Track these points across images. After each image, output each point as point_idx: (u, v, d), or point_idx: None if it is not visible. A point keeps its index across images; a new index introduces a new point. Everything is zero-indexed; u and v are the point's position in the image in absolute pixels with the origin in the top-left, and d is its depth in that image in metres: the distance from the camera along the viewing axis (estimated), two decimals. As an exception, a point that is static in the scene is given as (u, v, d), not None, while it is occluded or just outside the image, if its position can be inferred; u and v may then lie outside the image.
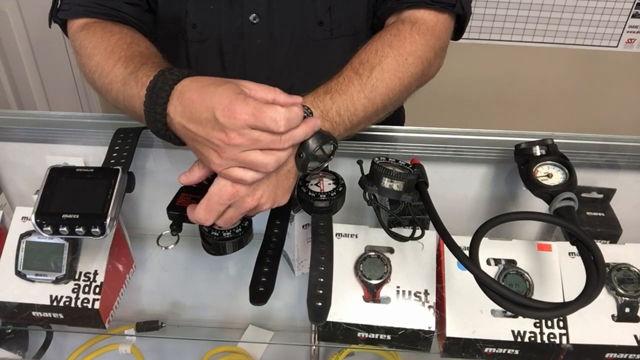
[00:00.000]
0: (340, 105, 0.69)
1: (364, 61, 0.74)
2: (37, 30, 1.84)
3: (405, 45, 0.76)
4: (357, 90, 0.71)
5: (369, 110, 0.72)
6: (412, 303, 0.70)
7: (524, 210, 0.71)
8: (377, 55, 0.74)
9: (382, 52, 0.74)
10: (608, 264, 0.70)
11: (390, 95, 0.74)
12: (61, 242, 0.73)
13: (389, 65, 0.74)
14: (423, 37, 0.78)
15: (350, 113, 0.70)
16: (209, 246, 0.69)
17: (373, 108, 0.72)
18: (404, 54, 0.75)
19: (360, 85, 0.71)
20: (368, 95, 0.71)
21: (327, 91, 0.70)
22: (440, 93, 1.79)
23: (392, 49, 0.75)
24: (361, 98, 0.71)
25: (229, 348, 0.81)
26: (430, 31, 0.79)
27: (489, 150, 0.83)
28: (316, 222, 0.69)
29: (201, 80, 0.62)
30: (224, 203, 0.63)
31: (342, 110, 0.69)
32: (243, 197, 0.63)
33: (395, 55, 0.75)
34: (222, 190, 0.62)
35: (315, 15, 0.87)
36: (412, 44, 0.76)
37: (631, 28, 1.82)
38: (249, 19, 0.86)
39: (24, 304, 0.73)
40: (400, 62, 0.75)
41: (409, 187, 0.68)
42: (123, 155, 0.76)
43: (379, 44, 0.76)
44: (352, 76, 0.72)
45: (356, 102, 0.71)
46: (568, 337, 0.68)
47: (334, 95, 0.70)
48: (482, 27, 1.83)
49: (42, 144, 0.86)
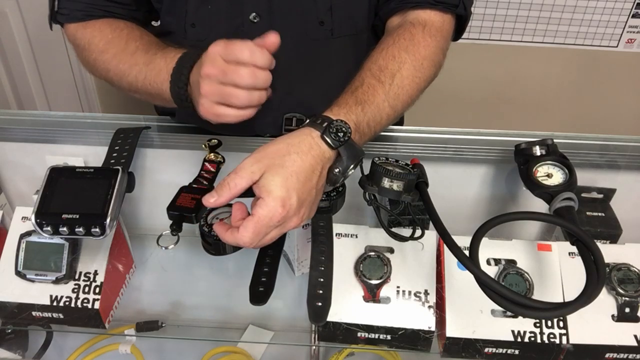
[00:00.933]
0: (370, 117, 0.70)
1: (383, 68, 0.74)
2: (37, 30, 1.84)
3: (420, 49, 0.77)
4: (382, 100, 0.72)
5: (391, 117, 0.73)
6: (412, 303, 0.70)
7: (524, 210, 0.71)
8: (396, 62, 0.75)
9: (400, 58, 0.75)
10: (608, 264, 0.70)
11: (409, 102, 0.76)
12: (61, 242, 0.73)
13: (408, 72, 0.75)
14: (434, 39, 0.79)
15: (376, 123, 0.71)
16: (209, 246, 0.70)
17: (394, 115, 0.74)
18: (420, 58, 0.77)
19: (384, 94, 0.72)
20: (391, 103, 0.73)
21: (358, 102, 0.70)
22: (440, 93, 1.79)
23: (409, 55, 0.76)
24: (386, 107, 0.72)
25: (229, 348, 0.81)
26: (439, 32, 0.81)
27: (489, 150, 0.83)
28: (316, 222, 0.69)
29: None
30: (274, 226, 0.60)
31: (372, 122, 0.70)
32: (291, 217, 0.61)
33: (412, 61, 0.76)
34: (273, 213, 0.59)
35: (316, 15, 0.87)
36: (426, 47, 0.78)
37: (631, 28, 1.81)
38: (249, 18, 0.86)
39: (24, 304, 0.73)
40: (417, 67, 0.76)
41: (409, 187, 0.68)
42: (123, 155, 0.76)
43: (396, 50, 0.76)
44: (375, 84, 0.72)
45: (382, 112, 0.72)
46: (568, 337, 0.69)
47: (364, 107, 0.69)
48: (482, 27, 1.83)
49: (42, 144, 0.86)
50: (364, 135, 0.69)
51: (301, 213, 0.62)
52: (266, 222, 0.59)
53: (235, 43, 0.64)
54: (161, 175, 0.87)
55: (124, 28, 0.85)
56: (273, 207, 0.59)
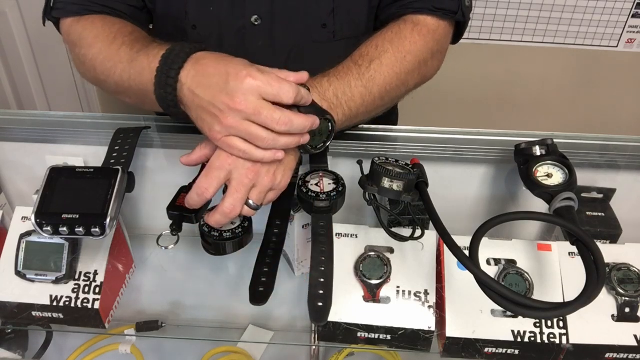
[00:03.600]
0: (338, 88, 0.72)
1: (363, 54, 0.77)
2: (37, 30, 1.84)
3: (405, 43, 0.79)
4: (355, 78, 0.74)
5: (367, 99, 0.75)
6: (412, 303, 0.70)
7: (524, 210, 0.71)
8: (377, 50, 0.77)
9: (382, 48, 0.77)
10: (608, 264, 0.70)
11: (388, 88, 0.77)
12: (61, 242, 0.73)
13: (388, 60, 0.77)
14: (423, 38, 0.80)
15: (348, 98, 0.73)
16: (209, 246, 0.69)
17: (370, 97, 0.75)
18: (403, 51, 0.78)
19: (358, 74, 0.74)
20: (365, 84, 0.74)
21: (325, 75, 0.73)
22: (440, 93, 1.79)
23: (392, 46, 0.78)
24: (359, 86, 0.74)
25: (229, 348, 0.81)
26: (430, 34, 0.82)
27: (489, 150, 0.83)
28: (316, 222, 0.69)
29: (219, 53, 0.65)
30: (224, 168, 0.62)
31: (340, 93, 0.72)
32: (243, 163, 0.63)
33: (394, 52, 0.77)
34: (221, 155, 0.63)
35: (319, 18, 0.87)
36: (411, 43, 0.79)
37: (631, 28, 1.81)
38: (250, 20, 0.86)
39: (24, 304, 0.73)
40: (399, 59, 0.77)
41: (409, 187, 0.68)
42: (123, 155, 0.76)
43: (380, 40, 0.78)
44: (351, 66, 0.75)
45: (354, 89, 0.73)
46: (568, 337, 0.69)
47: (331, 79, 0.72)
48: (482, 27, 1.83)
49: (42, 144, 0.86)
50: (334, 105, 0.71)
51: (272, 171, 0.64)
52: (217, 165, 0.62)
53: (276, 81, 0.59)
54: (161, 175, 0.87)
55: (117, 23, 0.81)
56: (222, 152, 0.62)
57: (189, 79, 0.62)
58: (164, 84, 0.63)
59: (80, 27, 0.82)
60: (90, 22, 0.82)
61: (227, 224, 0.68)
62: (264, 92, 0.59)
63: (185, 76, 0.63)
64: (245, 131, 0.60)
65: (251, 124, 0.60)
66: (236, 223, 0.69)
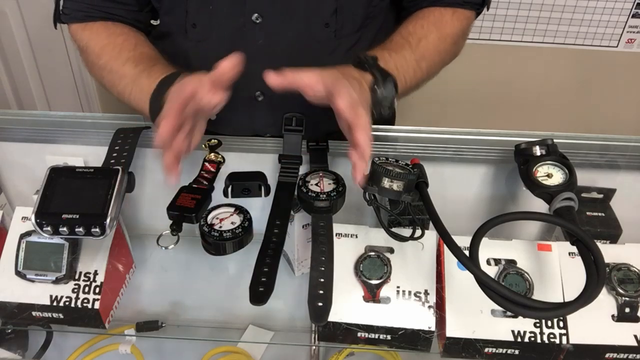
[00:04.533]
0: (397, 60, 0.79)
1: (411, 32, 0.85)
2: (37, 30, 1.84)
3: (447, 27, 0.87)
4: (409, 53, 0.82)
5: (417, 73, 0.82)
6: (412, 303, 0.70)
7: (524, 210, 0.71)
8: (424, 30, 0.85)
9: (428, 29, 0.85)
10: (608, 264, 0.70)
11: (431, 64, 0.85)
12: (61, 242, 0.72)
13: (433, 40, 0.85)
14: (460, 23, 0.89)
15: (404, 70, 0.80)
16: (209, 246, 0.69)
17: (420, 72, 0.83)
18: (445, 34, 0.87)
19: (410, 50, 0.82)
20: (417, 59, 0.82)
21: (384, 48, 0.81)
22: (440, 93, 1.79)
23: (436, 28, 0.86)
24: (412, 60, 0.82)
25: (229, 348, 0.81)
26: (465, 20, 0.91)
27: (489, 150, 0.83)
28: (316, 222, 0.69)
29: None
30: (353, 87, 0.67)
31: (399, 65, 0.79)
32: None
33: (437, 33, 0.86)
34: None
35: (321, 17, 0.87)
36: (452, 27, 0.88)
37: (631, 28, 1.81)
38: (251, 18, 0.86)
39: (24, 304, 0.73)
40: (442, 40, 0.86)
41: (409, 187, 0.68)
42: (123, 155, 0.76)
43: (425, 21, 0.87)
44: (403, 42, 0.83)
45: (408, 62, 0.81)
46: (568, 337, 0.68)
47: (391, 53, 0.80)
48: (482, 27, 1.83)
49: (42, 144, 0.86)
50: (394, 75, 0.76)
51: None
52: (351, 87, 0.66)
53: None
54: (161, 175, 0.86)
55: (120, 34, 0.86)
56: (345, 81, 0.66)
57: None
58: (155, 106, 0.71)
59: (86, 37, 0.87)
60: (95, 32, 0.87)
61: (227, 224, 0.68)
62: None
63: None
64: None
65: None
66: (236, 223, 0.69)
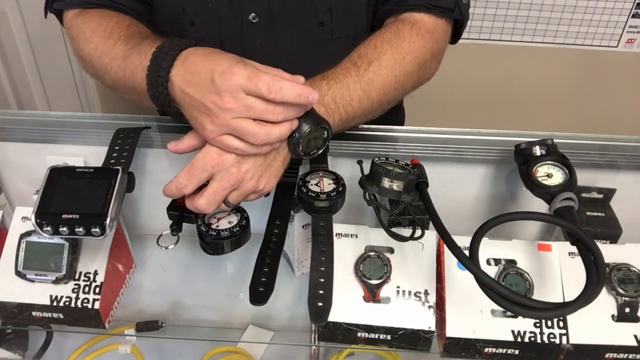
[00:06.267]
0: (336, 92, 0.71)
1: (362, 55, 0.75)
2: (37, 30, 1.84)
3: (404, 44, 0.77)
4: (354, 81, 0.72)
5: (364, 102, 0.73)
6: (412, 303, 0.70)
7: (524, 210, 0.71)
8: (376, 51, 0.76)
9: (381, 49, 0.76)
10: (608, 264, 0.70)
11: (386, 91, 0.75)
12: (61, 242, 0.73)
13: (387, 62, 0.75)
14: (422, 38, 0.79)
15: (346, 102, 0.71)
16: (207, 246, 0.69)
17: (368, 101, 0.74)
18: (402, 52, 0.77)
19: (357, 77, 0.73)
20: (364, 87, 0.73)
21: (324, 78, 0.72)
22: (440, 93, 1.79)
23: (391, 47, 0.76)
24: (357, 89, 0.72)
25: (229, 348, 0.81)
26: (429, 34, 0.80)
27: (489, 150, 0.83)
28: (316, 222, 0.69)
29: (208, 48, 0.63)
30: (207, 170, 0.62)
31: (338, 97, 0.70)
32: (227, 168, 0.62)
33: (393, 53, 0.76)
34: (207, 156, 0.62)
35: (316, 16, 0.87)
36: (410, 44, 0.78)
37: (631, 28, 1.81)
38: (248, 18, 0.86)
39: (24, 304, 0.73)
40: (398, 60, 0.76)
41: (409, 187, 0.68)
42: (123, 155, 0.76)
43: (379, 40, 0.77)
44: (349, 67, 0.73)
45: (352, 92, 0.72)
46: (568, 337, 0.69)
47: (330, 82, 0.71)
48: (482, 27, 1.83)
49: (42, 144, 0.86)
50: (331, 110, 0.70)
51: (242, 168, 0.63)
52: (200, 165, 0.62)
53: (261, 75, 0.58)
54: (161, 175, 0.87)
55: (114, 17, 0.79)
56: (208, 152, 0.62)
57: (179, 77, 0.61)
58: (155, 83, 0.63)
59: (79, 22, 0.81)
60: (89, 16, 0.81)
61: (225, 223, 0.68)
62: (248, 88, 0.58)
63: (175, 74, 0.62)
64: (237, 129, 0.59)
65: (242, 120, 0.59)
66: (233, 222, 0.69)
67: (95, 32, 0.77)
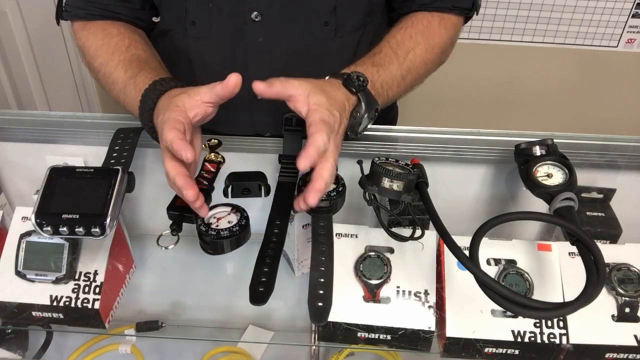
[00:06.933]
0: (384, 79, 0.80)
1: (400, 43, 0.85)
2: (37, 30, 1.84)
3: (434, 37, 0.87)
4: (396, 69, 0.82)
5: (401, 87, 0.83)
6: (412, 303, 0.70)
7: (524, 210, 0.71)
8: (412, 41, 0.85)
9: (416, 40, 0.86)
10: (608, 264, 0.70)
11: (417, 77, 0.86)
12: (61, 242, 0.72)
13: (421, 52, 0.85)
14: (447, 32, 0.89)
15: (389, 87, 0.81)
16: (207, 245, 0.69)
17: (404, 86, 0.84)
18: (432, 44, 0.87)
19: (398, 65, 0.82)
20: (403, 74, 0.83)
21: (374, 64, 0.80)
22: (440, 93, 1.79)
23: (424, 39, 0.86)
24: (397, 76, 0.82)
25: (229, 348, 0.81)
26: (453, 28, 0.91)
27: (489, 150, 0.83)
28: (316, 222, 0.69)
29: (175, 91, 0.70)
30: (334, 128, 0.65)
31: (384, 83, 0.80)
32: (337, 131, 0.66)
33: (425, 45, 0.86)
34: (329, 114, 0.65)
35: (320, 16, 0.87)
36: (439, 37, 0.88)
37: (631, 28, 1.81)
38: (250, 16, 0.86)
39: (24, 304, 0.73)
40: (429, 51, 0.86)
41: (409, 187, 0.68)
42: (123, 155, 0.76)
43: (413, 31, 0.86)
44: (391, 55, 0.83)
45: (394, 78, 0.82)
46: (568, 337, 0.69)
47: (380, 69, 0.80)
48: (482, 27, 1.83)
49: (42, 144, 0.86)
50: (378, 94, 0.77)
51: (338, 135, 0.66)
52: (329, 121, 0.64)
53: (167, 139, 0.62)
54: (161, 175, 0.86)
55: (116, 35, 0.85)
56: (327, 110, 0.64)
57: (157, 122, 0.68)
58: (145, 122, 0.72)
59: (84, 36, 0.87)
60: (92, 32, 0.87)
61: (225, 223, 0.69)
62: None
63: (155, 119, 0.69)
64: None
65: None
66: (233, 222, 0.69)
67: (99, 51, 0.84)
